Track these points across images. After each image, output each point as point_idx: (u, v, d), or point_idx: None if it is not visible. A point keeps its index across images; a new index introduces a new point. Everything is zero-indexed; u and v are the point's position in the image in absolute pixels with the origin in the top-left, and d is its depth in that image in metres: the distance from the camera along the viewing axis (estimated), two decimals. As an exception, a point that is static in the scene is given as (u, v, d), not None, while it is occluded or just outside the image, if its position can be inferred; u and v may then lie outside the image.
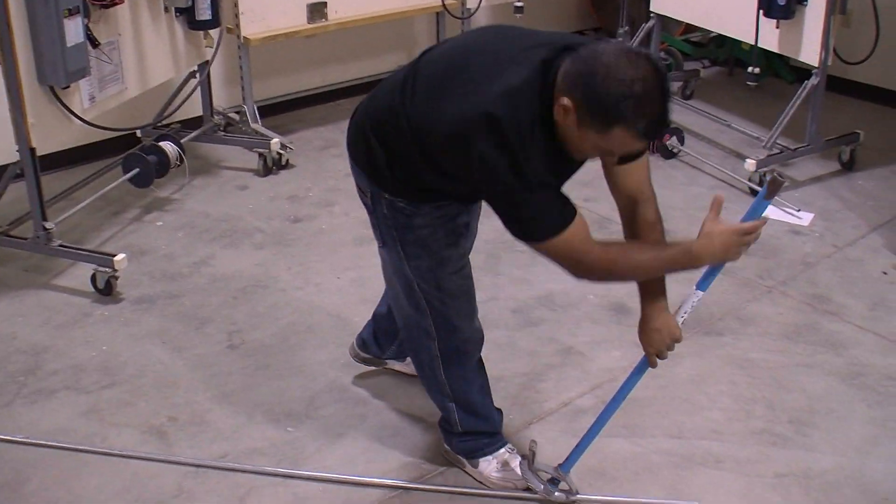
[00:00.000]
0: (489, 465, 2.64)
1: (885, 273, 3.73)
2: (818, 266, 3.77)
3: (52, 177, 4.13)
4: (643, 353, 2.39)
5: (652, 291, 2.36)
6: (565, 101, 1.99)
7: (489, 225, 3.94)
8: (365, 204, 2.47)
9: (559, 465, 2.57)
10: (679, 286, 2.33)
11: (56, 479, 2.67)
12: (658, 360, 2.38)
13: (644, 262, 2.23)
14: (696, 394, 3.03)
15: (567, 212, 2.12)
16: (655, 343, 2.34)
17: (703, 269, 2.28)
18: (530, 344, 3.28)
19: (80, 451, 2.76)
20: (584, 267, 2.17)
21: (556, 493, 2.56)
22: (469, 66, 2.16)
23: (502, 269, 3.73)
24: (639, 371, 2.43)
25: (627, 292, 3.53)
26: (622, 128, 1.95)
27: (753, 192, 4.22)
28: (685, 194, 4.31)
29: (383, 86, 2.38)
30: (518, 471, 2.61)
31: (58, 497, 2.60)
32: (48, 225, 3.56)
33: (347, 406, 2.92)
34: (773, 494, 2.63)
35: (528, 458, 2.59)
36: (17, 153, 3.44)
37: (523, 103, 2.05)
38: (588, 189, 4.31)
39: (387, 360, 3.02)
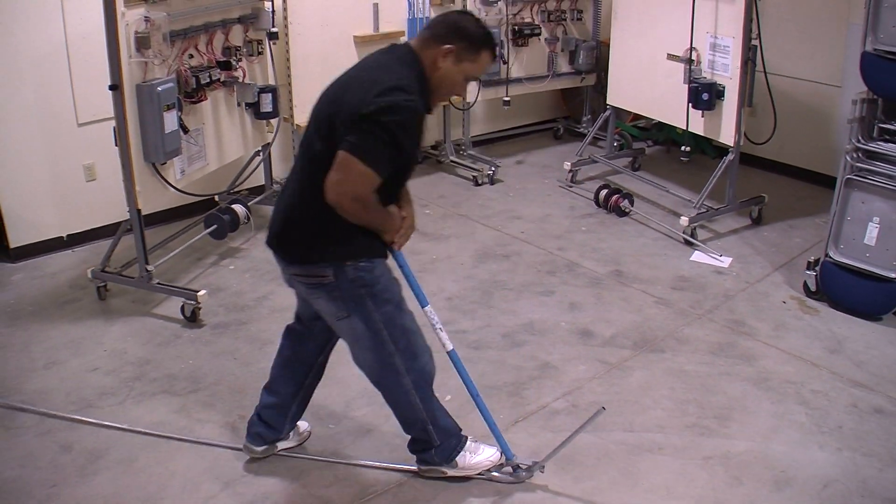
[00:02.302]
0: (465, 457, 2.58)
1: (784, 302, 3.75)
2: (735, 298, 3.79)
3: (152, 231, 4.17)
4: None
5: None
6: (448, 46, 2.22)
7: (484, 269, 4.02)
8: (319, 290, 2.31)
9: (505, 459, 2.57)
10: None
11: (157, 459, 2.71)
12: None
13: (364, 215, 2.23)
14: (644, 397, 3.05)
15: (382, 168, 2.15)
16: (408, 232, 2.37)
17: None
18: (516, 361, 3.29)
19: (175, 439, 2.80)
20: (345, 191, 2.16)
21: (523, 473, 2.58)
22: (351, 77, 2.22)
23: (493, 303, 3.74)
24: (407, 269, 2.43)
25: (591, 320, 3.58)
26: (487, 50, 2.27)
27: (687, 242, 4.24)
28: (634, 244, 4.32)
29: (291, 179, 2.34)
30: (479, 447, 2.60)
31: (159, 472, 2.65)
32: (149, 267, 3.60)
33: (375, 408, 2.89)
34: (702, 472, 2.66)
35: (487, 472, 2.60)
36: (128, 213, 3.50)
37: (413, 74, 2.20)
38: (560, 241, 4.37)
39: (276, 444, 2.69)
